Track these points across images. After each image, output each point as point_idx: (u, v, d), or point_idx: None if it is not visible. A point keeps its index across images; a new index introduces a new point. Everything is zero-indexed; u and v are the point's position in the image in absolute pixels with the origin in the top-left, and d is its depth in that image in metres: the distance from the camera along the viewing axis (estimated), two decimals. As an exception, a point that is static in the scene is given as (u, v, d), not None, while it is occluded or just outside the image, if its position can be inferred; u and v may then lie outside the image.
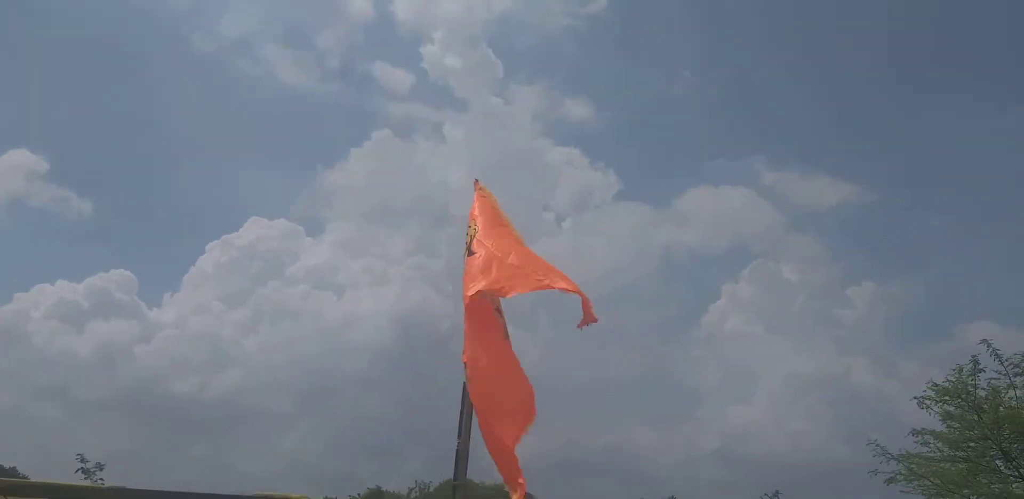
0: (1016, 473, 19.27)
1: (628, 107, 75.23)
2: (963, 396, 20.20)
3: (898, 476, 20.43)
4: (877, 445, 20.40)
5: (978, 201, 68.67)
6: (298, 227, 79.93)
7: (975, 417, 19.57)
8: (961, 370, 20.97)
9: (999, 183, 69.09)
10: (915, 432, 20.63)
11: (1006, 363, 20.13)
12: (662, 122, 75.62)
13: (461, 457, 7.30)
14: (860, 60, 77.45)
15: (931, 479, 19.13)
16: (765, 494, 41.83)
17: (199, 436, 56.52)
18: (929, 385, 20.80)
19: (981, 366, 20.02)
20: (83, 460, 16.37)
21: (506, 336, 6.55)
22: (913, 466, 19.73)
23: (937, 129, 71.57)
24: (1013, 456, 19.29)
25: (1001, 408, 19.19)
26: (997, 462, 19.47)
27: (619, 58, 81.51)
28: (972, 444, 19.58)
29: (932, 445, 20.60)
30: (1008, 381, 20.05)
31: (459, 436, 7.24)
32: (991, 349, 20.19)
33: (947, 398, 20.75)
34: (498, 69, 72.95)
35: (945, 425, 20.74)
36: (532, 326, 65.92)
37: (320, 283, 67.01)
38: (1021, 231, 66.65)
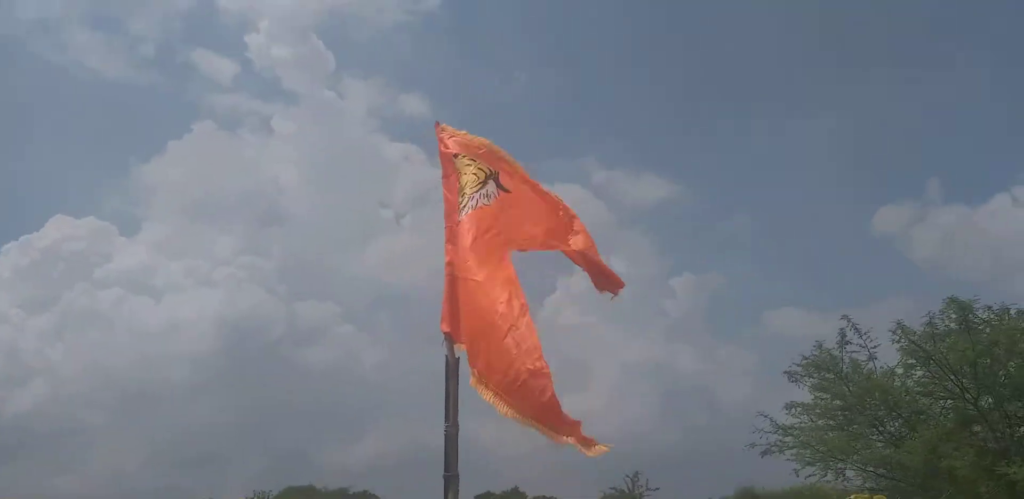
0: (881, 438, 20.36)
1: (465, 104, 74.17)
2: (831, 369, 21.13)
3: (772, 448, 21.08)
4: (766, 416, 20.92)
5: (781, 203, 74.22)
6: (110, 226, 72.70)
7: (844, 388, 20.48)
8: (820, 346, 21.99)
9: (795, 190, 75.19)
10: (788, 405, 21.40)
11: (865, 337, 21.27)
12: (500, 120, 75.37)
13: (451, 443, 6.15)
14: (686, 66, 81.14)
15: (816, 447, 19.75)
16: (626, 475, 42.82)
17: (2, 456, 50.10)
18: (800, 362, 21.66)
19: (847, 339, 21.04)
20: None
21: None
22: (800, 436, 20.32)
23: (750, 136, 76.27)
24: (881, 422, 20.35)
25: (867, 379, 20.15)
26: (865, 429, 20.45)
27: (455, 56, 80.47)
28: (845, 413, 20.45)
29: (803, 417, 21.44)
30: (868, 354, 21.19)
31: (447, 420, 6.12)
32: (851, 324, 21.25)
33: (814, 371, 21.68)
34: (329, 62, 69.37)
35: (813, 397, 21.66)
36: (373, 328, 63.80)
37: (135, 286, 61.37)
38: (814, 231, 72.62)
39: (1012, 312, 19.72)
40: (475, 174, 5.89)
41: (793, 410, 21.38)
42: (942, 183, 67.79)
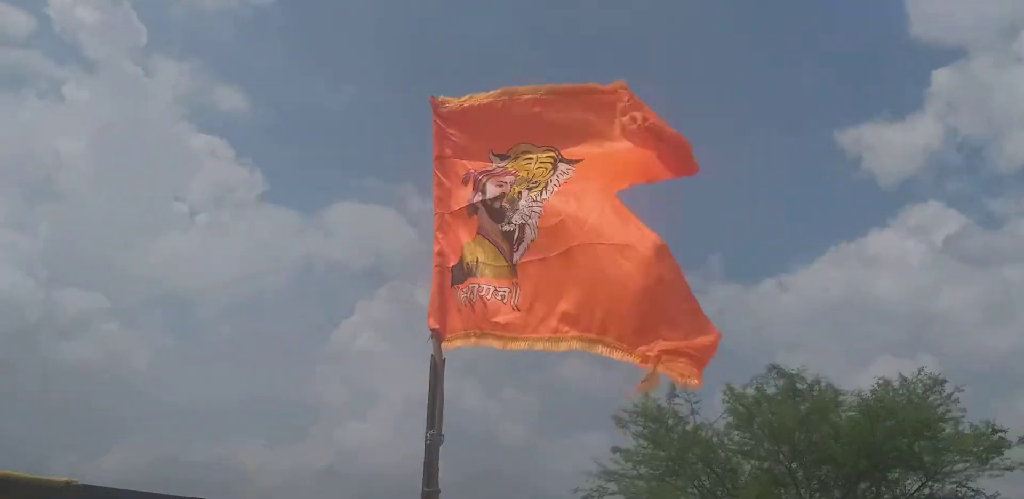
0: (697, 492, 21.28)
1: (287, 108, 70.36)
2: (658, 419, 21.94)
3: (593, 493, 21.44)
4: (597, 463, 21.27)
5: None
6: None
7: (669, 439, 21.31)
8: (647, 395, 22.87)
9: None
10: (614, 449, 21.94)
11: (689, 392, 22.36)
12: (321, 131, 72.20)
13: (433, 454, 5.46)
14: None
15: (639, 495, 20.27)
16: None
17: None
18: (628, 407, 22.32)
19: (676, 391, 21.96)
20: None
21: None
22: (623, 483, 20.81)
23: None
24: (698, 477, 21.30)
25: (693, 434, 21.13)
26: (684, 482, 21.32)
27: (284, 57, 76.78)
28: (668, 464, 21.21)
29: (622, 464, 22.02)
30: (691, 408, 22.27)
31: (430, 427, 5.46)
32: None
33: (640, 419, 22.43)
34: (141, 35, 64.26)
35: (637, 444, 22.37)
36: (143, 329, 58.74)
37: None
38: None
39: (823, 384, 21.66)
40: (541, 164, 5.30)
41: (616, 455, 22.00)
42: (723, 261, 73.30)
